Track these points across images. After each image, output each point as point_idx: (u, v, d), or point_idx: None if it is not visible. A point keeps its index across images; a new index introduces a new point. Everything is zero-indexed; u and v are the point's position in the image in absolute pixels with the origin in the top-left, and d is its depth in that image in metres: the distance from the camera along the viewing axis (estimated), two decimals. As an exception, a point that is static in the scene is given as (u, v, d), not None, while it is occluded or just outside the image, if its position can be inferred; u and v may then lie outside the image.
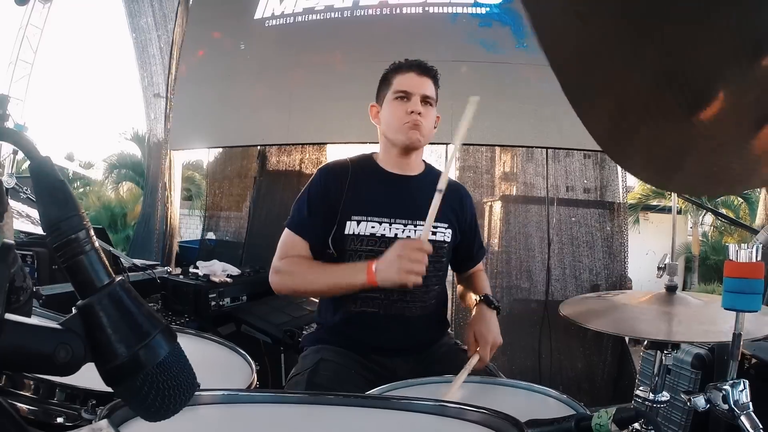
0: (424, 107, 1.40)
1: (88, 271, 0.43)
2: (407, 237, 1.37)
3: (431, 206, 1.14)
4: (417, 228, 1.38)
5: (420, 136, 1.40)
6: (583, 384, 3.20)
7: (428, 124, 1.41)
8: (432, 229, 1.39)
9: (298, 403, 0.73)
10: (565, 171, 3.52)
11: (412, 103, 1.39)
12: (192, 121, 4.23)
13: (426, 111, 1.40)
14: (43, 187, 0.43)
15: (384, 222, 1.37)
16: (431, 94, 1.42)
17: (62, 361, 0.41)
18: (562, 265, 3.37)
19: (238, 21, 4.09)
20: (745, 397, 0.89)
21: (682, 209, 10.30)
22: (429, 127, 1.42)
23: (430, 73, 1.44)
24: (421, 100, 1.39)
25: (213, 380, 0.82)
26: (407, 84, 1.41)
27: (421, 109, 1.39)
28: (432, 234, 1.39)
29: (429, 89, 1.42)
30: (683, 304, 1.17)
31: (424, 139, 1.41)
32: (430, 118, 1.42)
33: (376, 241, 1.36)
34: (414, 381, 1.11)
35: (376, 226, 1.36)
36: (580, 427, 0.66)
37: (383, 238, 1.36)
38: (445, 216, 1.43)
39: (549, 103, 3.32)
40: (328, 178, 1.41)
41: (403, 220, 1.38)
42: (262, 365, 2.27)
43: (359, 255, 1.35)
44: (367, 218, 1.36)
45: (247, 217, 4.04)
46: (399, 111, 1.40)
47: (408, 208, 1.39)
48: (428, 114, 1.41)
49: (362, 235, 1.36)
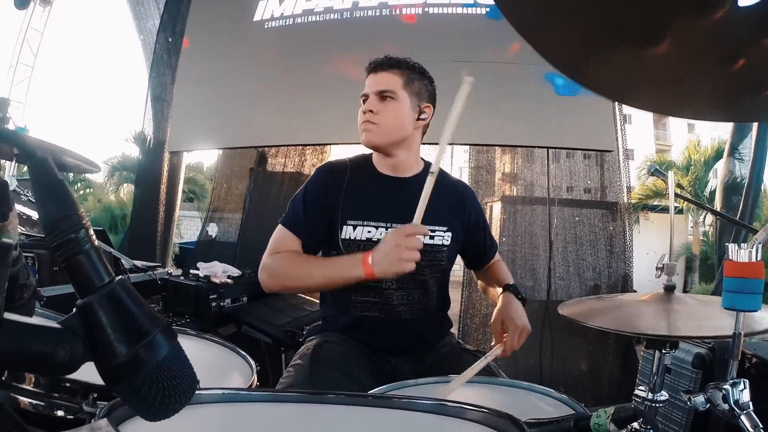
0: (381, 102, 1.35)
1: (88, 270, 0.43)
2: None
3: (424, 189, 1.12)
4: None
5: (373, 135, 1.36)
6: (587, 382, 3.19)
7: (385, 120, 1.35)
8: (429, 233, 1.37)
9: (297, 402, 0.73)
10: (566, 171, 3.52)
11: (367, 102, 1.37)
12: (192, 122, 4.23)
13: (383, 106, 1.35)
14: (42, 186, 0.43)
15: (380, 227, 1.35)
16: (389, 87, 1.36)
17: (61, 360, 0.41)
18: (563, 265, 3.37)
19: (238, 23, 4.10)
20: (745, 396, 0.89)
21: (682, 209, 10.29)
22: (388, 123, 1.35)
23: (385, 66, 1.38)
24: (378, 97, 1.36)
25: (214, 381, 0.82)
26: (365, 86, 1.39)
27: (374, 106, 1.35)
28: (429, 238, 1.38)
29: (384, 83, 1.37)
30: (681, 303, 1.17)
31: (380, 137, 1.36)
32: (388, 113, 1.35)
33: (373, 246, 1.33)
34: (414, 381, 1.11)
35: (373, 231, 1.35)
36: (579, 426, 0.66)
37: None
38: (444, 219, 1.41)
39: (550, 102, 3.33)
40: (326, 178, 1.39)
41: (399, 225, 1.34)
42: (262, 366, 2.26)
43: None
44: (363, 223, 1.34)
45: (242, 218, 4.04)
46: (360, 113, 1.39)
47: (404, 212, 1.34)
48: (385, 109, 1.35)
49: (358, 240, 1.34)
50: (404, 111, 1.37)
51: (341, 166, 1.42)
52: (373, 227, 1.35)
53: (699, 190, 12.43)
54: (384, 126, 1.35)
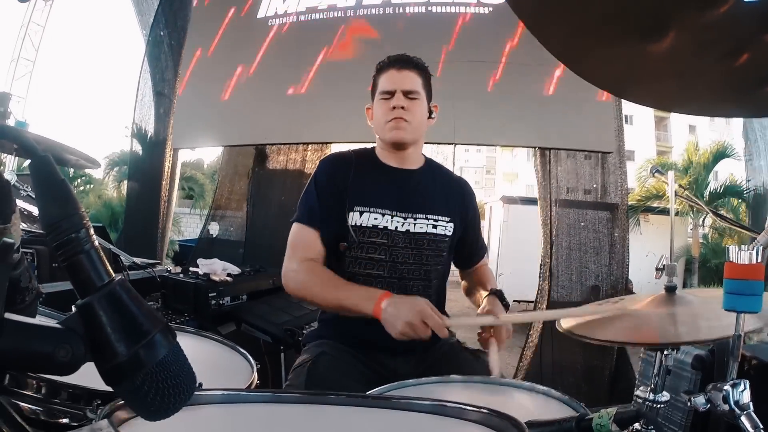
0: (408, 101, 1.39)
1: (88, 270, 0.43)
2: (407, 231, 1.39)
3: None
4: (417, 221, 1.40)
5: (404, 132, 1.40)
6: (583, 387, 3.19)
7: (415, 117, 1.40)
8: (433, 222, 1.42)
9: (297, 403, 0.73)
10: (567, 172, 3.52)
11: (395, 99, 1.39)
12: (195, 119, 4.23)
13: (411, 104, 1.39)
14: (44, 185, 0.43)
15: (387, 214, 1.38)
16: (414, 87, 1.40)
17: (62, 360, 0.41)
18: (563, 266, 3.37)
19: (242, 20, 4.10)
20: (745, 397, 0.88)
21: (680, 211, 10.29)
22: (416, 120, 1.41)
23: (410, 65, 1.42)
24: (404, 95, 1.39)
25: (214, 379, 0.82)
26: (389, 82, 1.41)
27: (405, 103, 1.38)
28: (433, 227, 1.42)
29: (410, 83, 1.40)
30: (684, 303, 1.16)
31: (410, 134, 1.41)
32: (417, 112, 1.41)
33: (379, 233, 1.37)
34: (414, 381, 1.11)
35: (379, 218, 1.38)
36: (581, 427, 0.66)
37: (386, 230, 1.38)
38: (447, 209, 1.45)
39: (550, 103, 3.33)
40: (333, 166, 1.44)
41: (403, 213, 1.40)
42: (262, 364, 2.26)
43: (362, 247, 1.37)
44: (370, 209, 1.38)
45: (246, 216, 4.04)
46: (384, 108, 1.41)
47: (409, 202, 1.41)
48: (413, 107, 1.40)
49: (365, 227, 1.37)
50: (424, 110, 1.44)
51: (346, 157, 1.47)
52: (379, 214, 1.38)
53: (698, 192, 12.43)
54: (414, 123, 1.40)
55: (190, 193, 14.67)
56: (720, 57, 0.53)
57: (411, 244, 1.40)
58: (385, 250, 1.38)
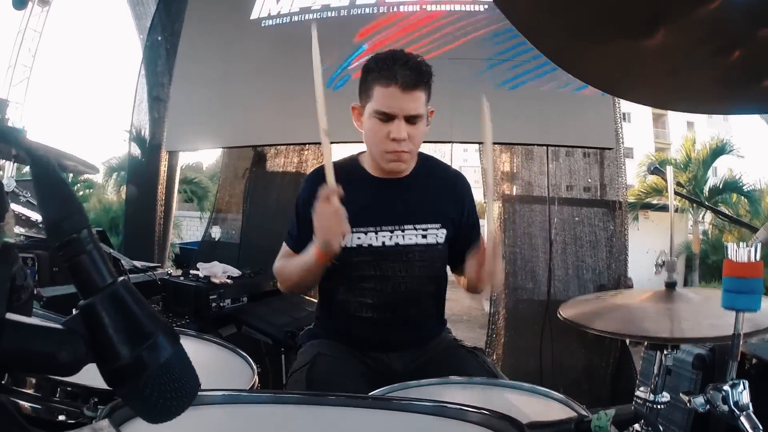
0: (411, 127, 1.27)
1: (90, 270, 0.43)
2: (395, 243, 1.35)
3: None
4: (405, 232, 1.35)
5: (405, 164, 1.33)
6: (583, 385, 3.19)
7: (416, 143, 1.31)
8: (422, 232, 1.37)
9: (298, 404, 0.73)
10: (566, 170, 3.52)
11: (395, 128, 1.25)
12: (189, 122, 4.22)
13: (413, 130, 1.28)
14: (44, 185, 0.43)
15: (370, 231, 1.34)
16: (419, 111, 1.27)
17: (64, 361, 0.41)
18: (563, 264, 3.37)
19: (235, 21, 4.09)
20: (745, 397, 0.88)
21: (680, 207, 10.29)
22: (418, 144, 1.33)
23: (419, 86, 1.26)
24: (407, 121, 1.26)
25: (214, 382, 0.82)
26: (389, 103, 1.25)
27: (405, 132, 1.26)
28: (422, 237, 1.37)
29: (416, 107, 1.26)
30: (684, 300, 1.16)
31: (411, 161, 1.36)
32: (419, 136, 1.31)
33: (365, 251, 1.34)
34: (415, 383, 1.11)
35: (362, 237, 1.34)
36: (580, 429, 0.65)
37: (371, 248, 1.34)
38: (437, 215, 1.38)
39: (549, 100, 3.33)
40: (313, 186, 1.30)
41: (389, 227, 1.35)
42: (263, 366, 2.27)
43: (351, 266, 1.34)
44: (353, 230, 1.27)
45: (242, 217, 4.04)
46: (380, 132, 1.28)
47: (395, 213, 1.36)
48: (416, 133, 1.29)
49: (349, 248, 1.32)
50: (425, 125, 1.33)
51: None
52: (362, 233, 1.34)
53: (698, 188, 12.43)
54: (414, 150, 1.34)
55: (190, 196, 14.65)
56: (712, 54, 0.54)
57: (402, 257, 1.35)
58: (374, 266, 1.35)
